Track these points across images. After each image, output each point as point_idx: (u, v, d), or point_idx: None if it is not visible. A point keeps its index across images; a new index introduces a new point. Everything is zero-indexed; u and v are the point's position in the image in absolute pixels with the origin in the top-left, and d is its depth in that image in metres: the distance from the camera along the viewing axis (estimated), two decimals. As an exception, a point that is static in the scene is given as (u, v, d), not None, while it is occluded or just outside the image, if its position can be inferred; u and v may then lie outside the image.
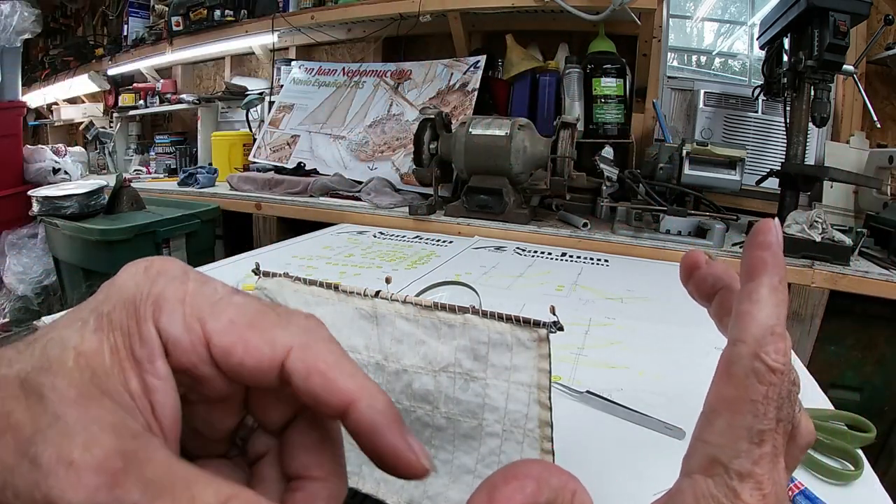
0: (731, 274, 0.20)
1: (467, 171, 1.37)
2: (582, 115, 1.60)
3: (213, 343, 0.16)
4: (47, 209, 1.44)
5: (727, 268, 0.21)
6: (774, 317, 0.16)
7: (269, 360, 0.16)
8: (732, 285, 0.20)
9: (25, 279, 1.79)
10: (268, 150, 1.98)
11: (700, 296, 0.21)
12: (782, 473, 0.15)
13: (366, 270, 0.96)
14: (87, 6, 3.22)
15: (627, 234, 1.26)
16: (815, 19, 1.16)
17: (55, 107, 3.10)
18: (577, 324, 0.72)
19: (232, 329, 0.16)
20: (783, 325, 0.16)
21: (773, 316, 0.16)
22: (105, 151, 2.72)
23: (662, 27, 1.73)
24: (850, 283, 1.09)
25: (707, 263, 0.20)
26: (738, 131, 1.66)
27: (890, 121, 1.64)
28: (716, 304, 0.20)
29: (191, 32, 2.33)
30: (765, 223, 0.18)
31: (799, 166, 1.31)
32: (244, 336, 0.16)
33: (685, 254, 0.21)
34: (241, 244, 1.70)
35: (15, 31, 1.85)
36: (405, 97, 1.83)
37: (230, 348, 0.16)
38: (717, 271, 0.20)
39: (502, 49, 1.79)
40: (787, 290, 0.17)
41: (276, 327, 0.16)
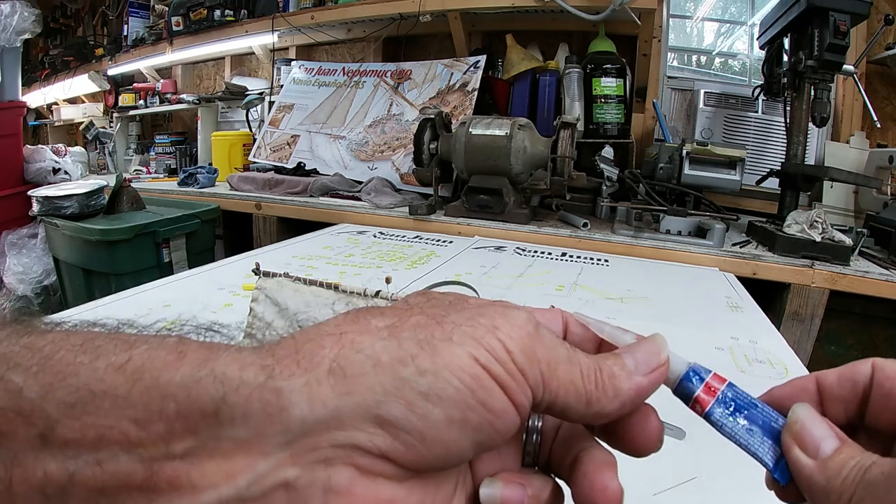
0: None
1: (467, 171, 1.37)
2: (582, 115, 1.60)
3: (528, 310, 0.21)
4: (47, 209, 1.44)
5: None
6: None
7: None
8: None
9: (25, 279, 1.79)
10: (268, 150, 1.98)
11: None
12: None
13: (366, 270, 0.96)
14: (87, 6, 3.22)
15: (627, 234, 1.26)
16: (815, 19, 1.16)
17: (55, 107, 3.10)
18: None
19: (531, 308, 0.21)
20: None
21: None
22: (105, 151, 2.72)
23: (662, 27, 1.73)
24: (850, 283, 1.09)
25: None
26: (738, 131, 1.66)
27: (890, 121, 1.64)
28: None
29: (191, 32, 2.33)
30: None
31: (799, 166, 1.31)
32: (539, 310, 0.22)
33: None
34: (241, 244, 1.70)
35: (15, 31, 1.85)
36: (405, 97, 1.83)
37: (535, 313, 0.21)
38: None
39: (502, 49, 1.79)
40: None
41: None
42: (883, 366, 0.19)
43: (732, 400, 0.19)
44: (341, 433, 0.15)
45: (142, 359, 0.14)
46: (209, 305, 0.74)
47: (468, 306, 0.18)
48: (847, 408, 0.20)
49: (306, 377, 0.15)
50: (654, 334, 0.21)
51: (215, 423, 0.14)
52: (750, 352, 0.67)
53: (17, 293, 1.79)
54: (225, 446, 0.14)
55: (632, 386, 0.19)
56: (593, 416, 0.18)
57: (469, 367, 0.16)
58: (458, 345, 0.16)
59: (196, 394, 0.14)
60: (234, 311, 0.72)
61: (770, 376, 0.60)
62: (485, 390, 0.16)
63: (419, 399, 0.15)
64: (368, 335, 0.16)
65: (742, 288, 0.98)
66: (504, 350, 0.16)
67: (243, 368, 0.14)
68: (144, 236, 1.35)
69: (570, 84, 1.62)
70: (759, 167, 1.55)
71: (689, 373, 0.20)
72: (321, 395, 0.14)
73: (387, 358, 0.15)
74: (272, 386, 0.14)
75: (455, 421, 0.16)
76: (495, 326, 0.17)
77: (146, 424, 0.13)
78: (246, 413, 0.14)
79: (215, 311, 0.72)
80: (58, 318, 0.20)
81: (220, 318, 0.69)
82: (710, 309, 0.86)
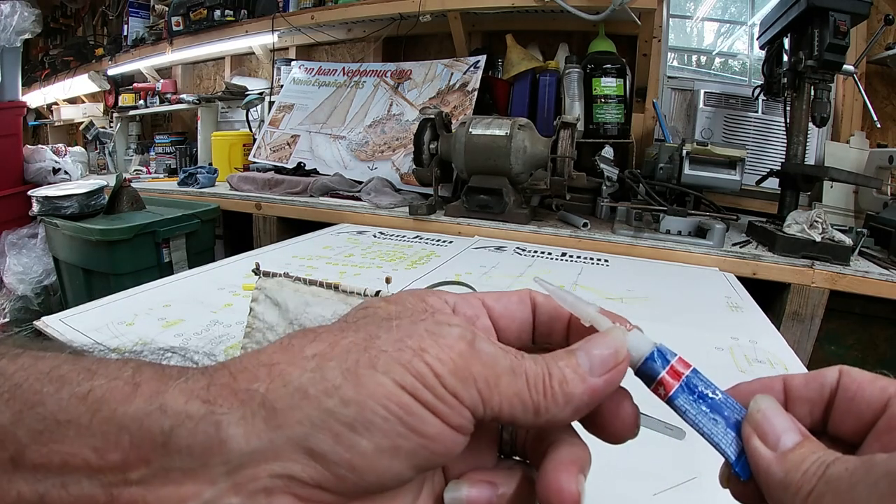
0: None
1: (467, 171, 1.37)
2: (582, 115, 1.60)
3: (486, 299, 0.22)
4: (47, 209, 1.44)
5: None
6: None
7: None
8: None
9: (25, 279, 1.79)
10: (268, 150, 1.98)
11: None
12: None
13: (366, 270, 0.96)
14: (87, 6, 3.22)
15: (627, 234, 1.26)
16: (815, 19, 1.16)
17: (55, 107, 3.10)
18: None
19: (494, 292, 0.23)
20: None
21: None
22: (105, 151, 2.72)
23: (662, 27, 1.73)
24: (850, 283, 1.09)
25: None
26: (738, 131, 1.66)
27: (890, 121, 1.64)
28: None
29: (191, 32, 2.33)
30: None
31: (799, 166, 1.31)
32: (505, 293, 0.23)
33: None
34: (241, 244, 1.70)
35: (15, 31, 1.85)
36: (405, 97, 1.83)
37: (500, 296, 0.23)
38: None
39: (502, 49, 1.79)
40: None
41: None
42: (849, 371, 0.19)
43: (697, 386, 0.19)
44: (277, 464, 0.15)
45: (101, 390, 0.15)
46: (209, 305, 0.74)
47: (402, 324, 0.18)
48: (812, 410, 0.20)
49: (242, 410, 0.15)
50: (612, 327, 0.20)
51: (165, 453, 0.15)
52: (750, 352, 0.67)
53: (17, 293, 1.79)
54: (175, 475, 0.15)
55: (585, 390, 0.18)
56: (545, 423, 0.18)
57: (395, 395, 0.16)
58: (383, 372, 0.16)
59: (147, 426, 0.15)
60: (234, 311, 0.72)
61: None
62: (415, 417, 0.16)
63: (345, 430, 0.15)
64: (297, 366, 0.16)
65: (742, 288, 0.98)
66: (432, 374, 0.16)
67: (188, 401, 0.15)
68: (144, 236, 1.35)
69: (570, 84, 1.62)
70: (759, 167, 1.55)
71: (654, 353, 0.19)
72: (256, 429, 0.15)
73: (313, 390, 0.15)
74: (212, 419, 0.15)
75: (385, 449, 0.16)
76: (422, 349, 0.17)
77: (104, 453, 0.14)
78: (190, 445, 0.15)
79: (215, 311, 0.72)
80: (53, 322, 0.19)
81: (219, 318, 0.69)
82: (710, 309, 0.86)
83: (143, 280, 0.84)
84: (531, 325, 0.22)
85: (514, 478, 0.19)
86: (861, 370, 0.19)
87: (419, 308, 0.20)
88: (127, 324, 0.66)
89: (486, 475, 0.19)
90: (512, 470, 0.20)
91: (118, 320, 0.67)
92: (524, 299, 0.22)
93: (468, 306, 0.21)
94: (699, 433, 0.19)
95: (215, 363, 0.17)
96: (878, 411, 0.18)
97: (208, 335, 0.64)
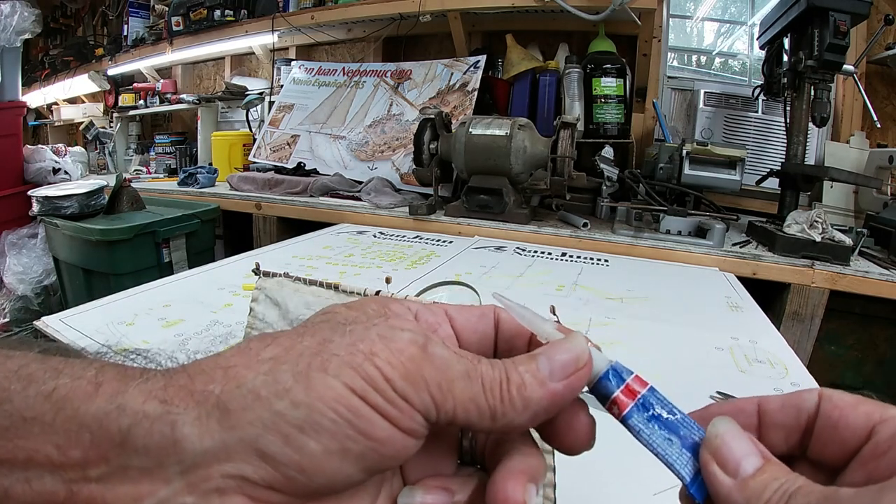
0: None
1: (467, 171, 1.37)
2: (582, 115, 1.60)
3: (449, 309, 0.22)
4: (47, 209, 1.44)
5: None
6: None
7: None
8: None
9: (25, 279, 1.79)
10: (268, 150, 1.98)
11: None
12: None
13: (366, 270, 0.96)
14: (87, 6, 3.22)
15: (627, 234, 1.26)
16: (815, 19, 1.16)
17: (55, 107, 3.10)
18: (578, 324, 0.72)
19: (458, 305, 0.23)
20: None
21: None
22: (105, 151, 2.72)
23: (662, 27, 1.73)
24: (850, 283, 1.09)
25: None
26: (738, 131, 1.66)
27: (890, 121, 1.64)
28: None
29: (191, 32, 2.33)
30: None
31: (799, 166, 1.31)
32: (469, 307, 0.23)
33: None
34: (241, 244, 1.70)
35: (15, 31, 1.85)
36: (405, 97, 1.83)
37: (463, 308, 0.23)
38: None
39: (502, 49, 1.79)
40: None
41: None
42: (830, 395, 0.18)
43: (653, 406, 0.18)
44: (230, 465, 0.15)
45: (65, 389, 0.15)
46: (209, 305, 0.74)
47: (356, 329, 0.18)
48: (788, 437, 0.19)
49: (197, 410, 0.15)
50: (573, 333, 0.20)
51: (123, 452, 0.15)
52: (750, 352, 0.67)
53: (17, 293, 1.79)
54: (132, 473, 0.15)
55: (544, 395, 0.18)
56: (503, 429, 0.18)
57: (344, 397, 0.16)
58: (334, 375, 0.16)
59: (106, 425, 0.15)
60: (234, 311, 0.72)
61: (770, 376, 0.60)
62: (364, 420, 0.16)
63: (294, 432, 0.15)
64: (252, 369, 0.16)
65: (742, 288, 0.98)
66: (382, 378, 0.16)
67: (146, 401, 0.15)
68: (144, 236, 1.35)
69: (570, 84, 1.62)
70: (759, 167, 1.55)
71: (608, 371, 0.19)
72: (209, 429, 0.15)
73: (265, 392, 0.16)
74: (168, 419, 0.15)
75: (333, 451, 0.16)
76: (373, 353, 0.17)
77: (66, 450, 0.15)
78: (147, 444, 0.15)
79: (215, 311, 0.72)
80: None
81: (219, 318, 0.69)
82: (710, 309, 0.86)
83: (143, 280, 0.84)
84: (493, 341, 0.22)
85: (471, 485, 0.19)
86: (842, 393, 0.18)
87: (379, 314, 0.20)
88: (127, 324, 0.66)
89: (442, 481, 0.19)
90: (470, 477, 0.20)
91: (118, 320, 0.67)
92: (487, 314, 0.22)
93: (431, 314, 0.21)
94: (653, 454, 0.18)
95: (177, 365, 0.17)
96: (863, 438, 0.17)
97: (208, 335, 0.64)
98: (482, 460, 0.21)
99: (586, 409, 0.19)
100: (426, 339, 0.18)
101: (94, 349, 0.20)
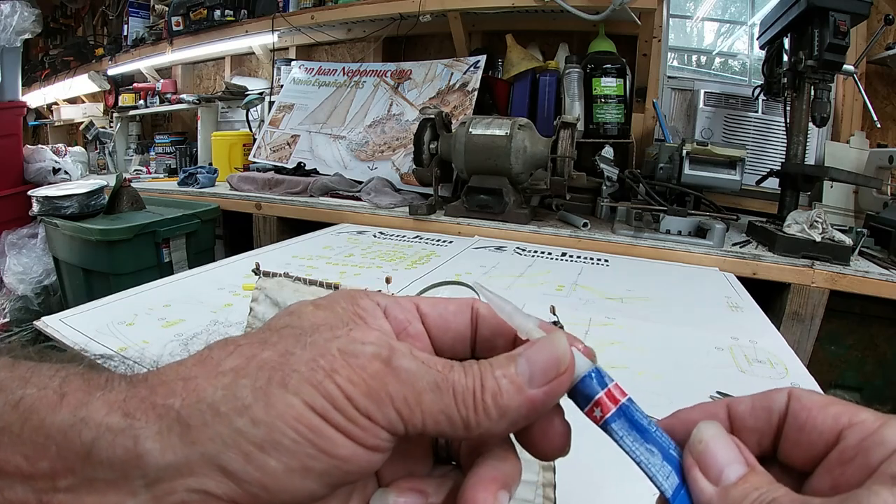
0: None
1: (467, 171, 1.37)
2: (582, 115, 1.60)
3: (421, 304, 0.21)
4: (47, 209, 1.44)
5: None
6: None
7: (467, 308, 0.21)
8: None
9: (25, 279, 1.79)
10: (268, 150, 1.98)
11: None
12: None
13: (366, 270, 0.96)
14: (87, 6, 3.22)
15: (627, 234, 1.26)
16: (815, 19, 1.16)
17: (55, 107, 3.10)
18: (577, 324, 0.72)
19: (432, 298, 0.22)
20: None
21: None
22: (105, 151, 2.72)
23: (662, 27, 1.73)
24: (850, 283, 1.09)
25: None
26: (738, 131, 1.66)
27: (890, 121, 1.64)
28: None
29: (191, 32, 2.33)
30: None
31: (799, 166, 1.31)
32: (444, 300, 0.22)
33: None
34: (241, 244, 1.70)
35: (15, 31, 1.85)
36: (405, 97, 1.83)
37: (437, 303, 0.21)
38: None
39: (502, 49, 1.79)
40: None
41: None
42: (800, 395, 0.18)
43: (633, 414, 0.18)
44: (193, 479, 0.15)
45: (31, 399, 0.15)
46: (209, 305, 0.74)
47: (317, 340, 0.17)
48: (761, 440, 0.18)
49: (158, 425, 0.15)
50: (554, 333, 0.18)
51: (88, 464, 0.15)
52: (750, 352, 0.67)
53: (17, 293, 1.79)
54: (99, 485, 0.15)
55: (522, 402, 0.17)
56: (479, 438, 0.17)
57: (304, 417, 0.16)
58: (294, 393, 0.16)
59: (71, 438, 0.15)
60: (234, 311, 0.72)
61: (770, 376, 0.60)
62: (325, 439, 0.16)
63: (254, 450, 0.15)
64: (211, 381, 0.16)
65: (742, 288, 0.98)
66: (343, 396, 0.16)
67: (109, 413, 0.15)
68: (144, 236, 1.35)
69: (570, 84, 1.62)
70: (759, 167, 1.55)
71: (591, 372, 0.18)
72: (171, 444, 0.15)
73: (224, 408, 0.16)
74: (131, 433, 0.15)
75: (295, 469, 0.16)
76: (334, 369, 0.16)
77: (35, 461, 0.15)
78: (111, 458, 0.15)
79: (215, 311, 0.72)
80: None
81: (219, 318, 0.69)
82: (709, 309, 0.86)
83: (143, 280, 0.84)
84: (469, 338, 0.21)
85: (446, 486, 0.19)
86: (812, 393, 0.18)
87: (348, 314, 0.19)
88: (127, 324, 0.66)
89: (415, 483, 0.19)
90: (445, 478, 0.19)
91: (118, 320, 0.67)
92: (462, 309, 0.21)
93: (400, 310, 0.21)
94: (635, 462, 0.18)
95: (143, 371, 0.17)
96: (831, 442, 0.17)
97: (208, 335, 0.64)
98: (458, 457, 0.21)
99: (562, 415, 0.19)
100: (391, 351, 0.17)
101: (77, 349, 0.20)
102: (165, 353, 0.22)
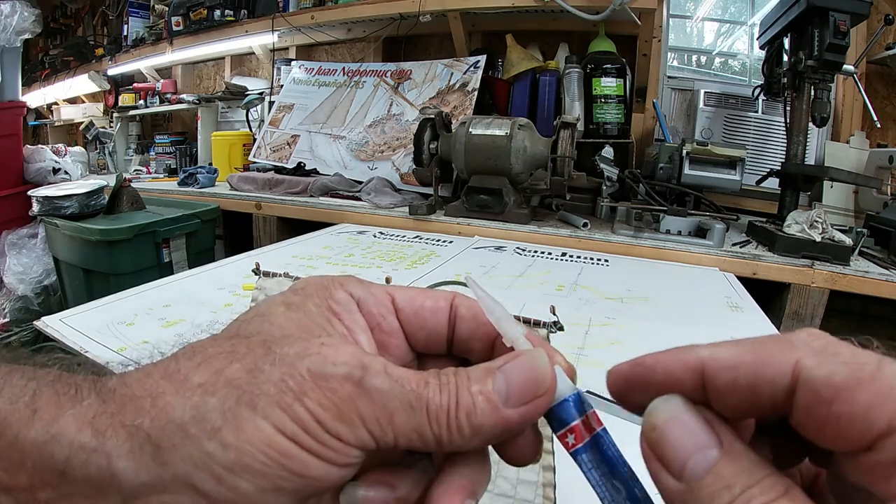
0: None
1: (467, 171, 1.37)
2: (582, 115, 1.60)
3: (397, 297, 0.21)
4: (47, 209, 1.44)
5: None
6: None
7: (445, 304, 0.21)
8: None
9: (25, 279, 1.79)
10: (268, 150, 1.98)
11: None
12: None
13: (366, 270, 0.96)
14: (87, 6, 3.22)
15: (627, 234, 1.26)
16: (815, 19, 1.16)
17: (55, 107, 3.10)
18: (577, 324, 0.72)
19: (409, 289, 0.21)
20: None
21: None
22: (105, 151, 2.72)
23: (662, 27, 1.73)
24: (850, 283, 1.09)
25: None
26: (738, 131, 1.66)
27: (890, 121, 1.64)
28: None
29: (191, 32, 2.33)
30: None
31: (799, 166, 1.31)
32: (422, 294, 0.21)
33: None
34: (241, 244, 1.70)
35: (15, 31, 1.85)
36: (405, 97, 1.83)
37: (414, 298, 0.21)
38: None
39: (502, 49, 1.79)
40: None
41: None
42: (814, 375, 0.13)
43: (606, 447, 0.17)
44: (167, 496, 0.15)
45: (4, 413, 0.15)
46: (209, 305, 0.74)
47: (288, 356, 0.17)
48: (744, 413, 0.15)
49: (130, 444, 0.15)
50: (537, 350, 0.18)
51: (65, 481, 0.15)
52: (750, 352, 0.67)
53: (17, 293, 1.79)
54: (78, 500, 0.15)
55: (496, 422, 0.17)
56: (451, 451, 0.17)
57: (274, 441, 0.16)
58: (263, 417, 0.16)
59: (47, 454, 0.15)
60: (234, 312, 0.71)
61: (770, 376, 0.60)
62: (296, 462, 0.16)
63: (226, 472, 0.15)
64: (180, 398, 0.16)
65: (742, 288, 0.98)
66: (313, 420, 0.16)
67: (80, 430, 0.15)
68: (144, 236, 1.35)
69: (570, 84, 1.62)
70: (759, 167, 1.55)
71: (573, 396, 0.17)
72: (144, 463, 0.15)
73: (194, 430, 0.15)
74: (103, 451, 0.15)
75: (267, 489, 0.16)
76: (304, 392, 0.16)
77: (14, 475, 0.15)
78: (86, 475, 0.15)
79: (215, 311, 0.72)
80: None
81: (219, 318, 0.69)
82: (710, 309, 0.86)
83: (143, 280, 0.84)
84: (445, 336, 0.21)
85: (416, 478, 0.19)
86: (832, 365, 0.13)
87: (322, 313, 0.19)
88: (127, 324, 0.66)
89: (385, 475, 0.18)
90: (414, 469, 0.19)
91: (118, 320, 0.67)
92: (440, 306, 0.20)
93: (375, 303, 0.20)
94: (598, 496, 0.17)
95: (112, 378, 0.17)
96: (863, 445, 0.13)
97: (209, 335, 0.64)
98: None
99: (535, 426, 0.18)
100: (363, 370, 0.17)
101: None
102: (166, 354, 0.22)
